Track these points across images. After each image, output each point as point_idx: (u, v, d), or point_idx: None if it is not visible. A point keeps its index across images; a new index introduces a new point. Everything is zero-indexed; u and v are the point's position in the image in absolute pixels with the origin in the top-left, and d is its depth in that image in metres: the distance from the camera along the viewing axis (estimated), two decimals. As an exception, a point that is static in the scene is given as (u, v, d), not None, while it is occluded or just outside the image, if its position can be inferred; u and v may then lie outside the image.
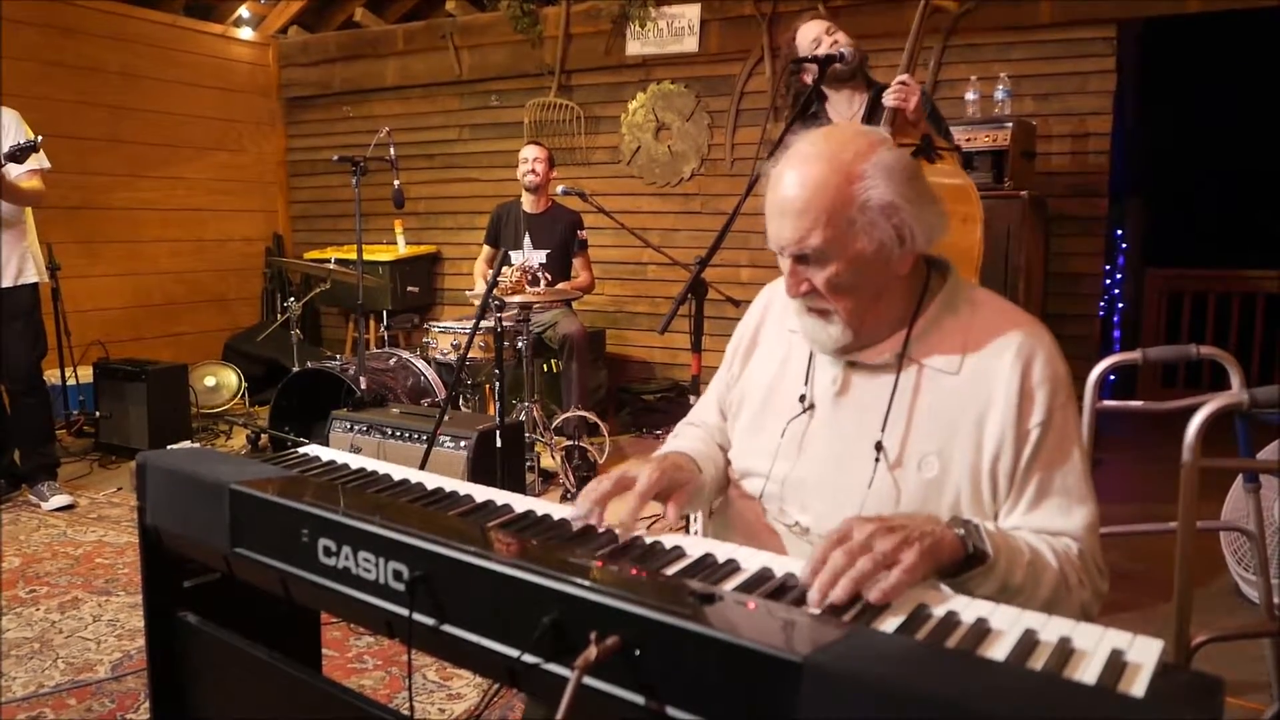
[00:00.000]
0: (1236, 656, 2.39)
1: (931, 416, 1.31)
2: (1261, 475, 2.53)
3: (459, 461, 3.42)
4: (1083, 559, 1.24)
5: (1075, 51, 4.60)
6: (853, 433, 1.35)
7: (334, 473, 1.58)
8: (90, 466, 4.71)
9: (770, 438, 1.44)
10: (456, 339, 4.46)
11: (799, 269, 1.31)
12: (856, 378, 1.37)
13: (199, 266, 6.56)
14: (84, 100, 5.81)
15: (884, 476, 1.31)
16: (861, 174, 1.25)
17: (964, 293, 1.38)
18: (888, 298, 1.33)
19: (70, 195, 5.51)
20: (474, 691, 2.42)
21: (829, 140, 1.30)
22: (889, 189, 1.26)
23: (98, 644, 2.73)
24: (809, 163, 1.28)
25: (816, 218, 1.25)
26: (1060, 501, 1.26)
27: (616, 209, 4.53)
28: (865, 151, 1.28)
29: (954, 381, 1.31)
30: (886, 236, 1.27)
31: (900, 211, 1.26)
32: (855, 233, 1.26)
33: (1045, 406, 1.26)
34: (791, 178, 1.28)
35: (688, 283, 2.51)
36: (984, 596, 1.14)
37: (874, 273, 1.29)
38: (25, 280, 3.92)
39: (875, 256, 1.28)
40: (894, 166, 1.28)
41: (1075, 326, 4.68)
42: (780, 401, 1.45)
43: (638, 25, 5.58)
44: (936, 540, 1.09)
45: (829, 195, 1.25)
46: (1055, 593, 1.19)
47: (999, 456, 1.26)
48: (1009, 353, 1.29)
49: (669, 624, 0.91)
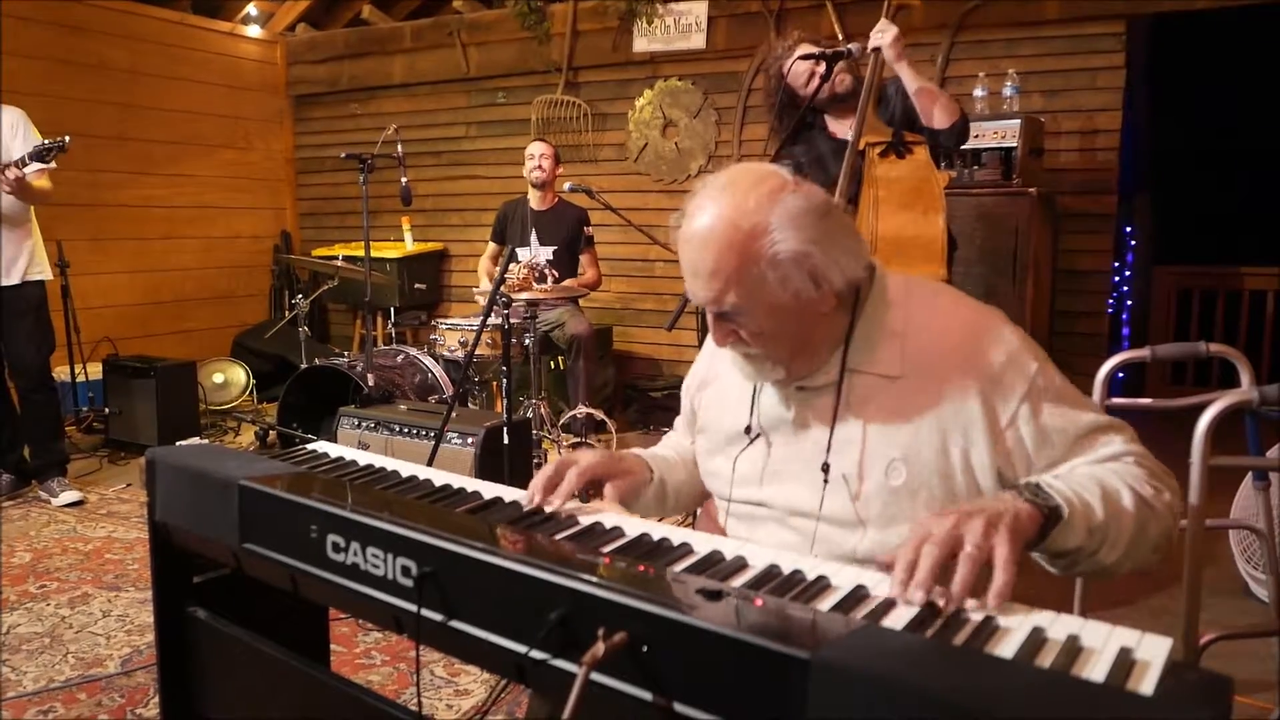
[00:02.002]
0: (1245, 655, 2.39)
1: (885, 424, 1.29)
2: (1271, 473, 2.52)
3: (466, 458, 3.43)
4: (1143, 466, 1.22)
5: (1084, 48, 4.58)
6: (810, 457, 1.34)
7: (342, 469, 1.58)
8: (100, 463, 4.73)
9: (727, 470, 1.46)
10: (464, 336, 4.46)
11: (722, 323, 1.29)
12: (807, 401, 1.36)
13: (207, 263, 6.59)
14: (92, 98, 5.83)
15: (836, 496, 1.30)
16: (766, 228, 1.21)
17: (897, 292, 1.35)
18: (817, 332, 1.30)
19: (79, 193, 5.53)
20: (481, 688, 2.42)
21: (729, 192, 1.24)
22: (796, 237, 1.21)
23: (107, 639, 2.74)
24: (712, 221, 1.23)
25: (727, 278, 1.22)
26: (1091, 438, 1.25)
27: (623, 206, 4.53)
28: (766, 201, 1.22)
29: (900, 385, 1.29)
30: (801, 284, 1.23)
31: (811, 257, 1.22)
32: (768, 287, 1.23)
33: (1020, 378, 1.25)
34: (698, 238, 1.24)
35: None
36: (1075, 546, 1.13)
37: (794, 319, 1.26)
38: (32, 277, 3.93)
39: (793, 304, 1.24)
40: (799, 211, 1.22)
41: (1084, 324, 4.67)
42: (733, 436, 1.46)
43: (645, 22, 5.57)
44: (1015, 516, 1.07)
45: (735, 255, 1.21)
46: (1139, 510, 1.17)
47: (969, 450, 1.25)
48: (954, 353, 1.27)
49: (676, 620, 0.91)
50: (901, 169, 2.75)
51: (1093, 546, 1.14)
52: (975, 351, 1.27)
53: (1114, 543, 1.15)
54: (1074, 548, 1.13)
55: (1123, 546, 1.16)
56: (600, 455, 1.44)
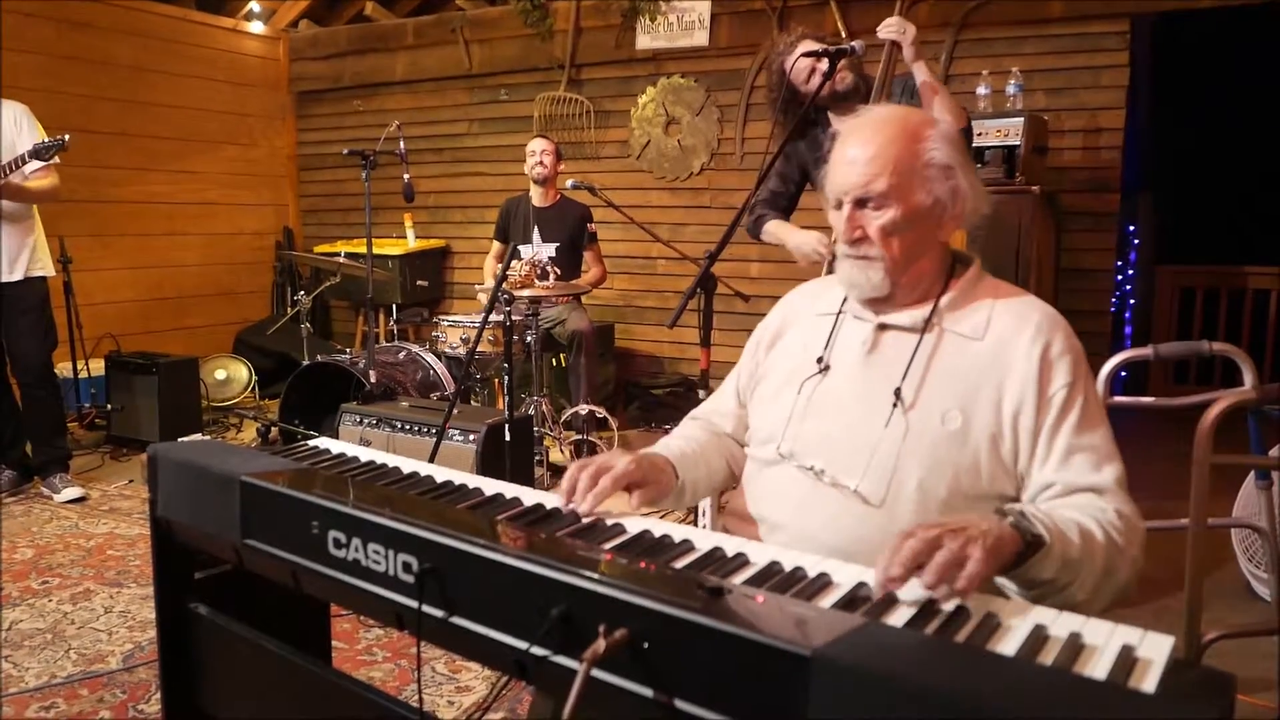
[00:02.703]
0: (1247, 653, 2.38)
1: (952, 375, 1.37)
2: (1273, 472, 2.52)
3: (468, 455, 3.43)
4: (1122, 518, 1.27)
5: (1088, 46, 4.57)
6: (876, 387, 1.41)
7: (344, 465, 1.58)
8: (102, 459, 4.73)
9: (788, 401, 1.49)
10: (466, 333, 4.46)
11: (856, 214, 1.41)
12: (886, 338, 1.45)
13: (210, 260, 6.58)
14: (95, 94, 5.83)
15: (899, 420, 1.37)
16: (927, 135, 1.40)
17: (989, 281, 1.48)
18: (927, 259, 1.43)
19: (81, 189, 5.53)
20: (483, 684, 2.42)
21: (895, 109, 1.49)
22: (949, 153, 1.40)
23: (109, 635, 2.74)
24: (879, 120, 1.43)
25: (885, 164, 1.38)
26: (1090, 458, 1.31)
27: (626, 203, 4.53)
28: (929, 120, 1.46)
29: (977, 347, 1.38)
30: (943, 194, 1.40)
31: (956, 174, 1.40)
32: (917, 184, 1.38)
33: (1068, 373, 1.34)
34: (863, 131, 1.42)
35: (697, 277, 2.51)
36: (1049, 578, 1.17)
37: (924, 227, 1.40)
38: (34, 273, 3.93)
39: (930, 211, 1.40)
40: (952, 137, 1.43)
41: (1087, 322, 4.65)
42: (802, 368, 1.52)
43: (648, 19, 5.57)
44: (998, 537, 1.11)
45: (898, 146, 1.39)
46: (1108, 556, 1.22)
47: (1019, 415, 1.33)
48: (1029, 328, 1.37)
49: (678, 617, 0.91)
50: None
51: (1064, 581, 1.19)
52: (1049, 330, 1.37)
53: (1083, 582, 1.20)
54: (1047, 579, 1.18)
55: (1090, 588, 1.22)
56: (636, 463, 1.44)
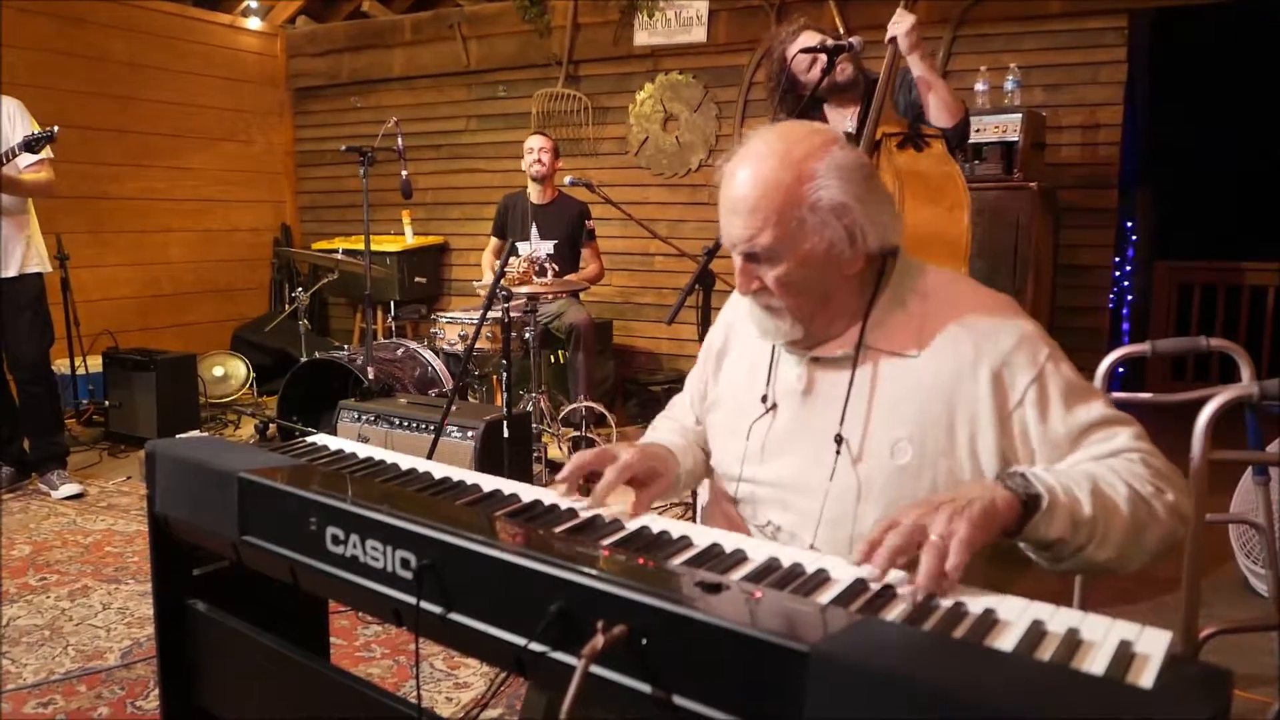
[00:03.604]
0: (1245, 649, 2.39)
1: (896, 403, 1.29)
2: (1271, 468, 2.52)
3: (466, 451, 3.43)
4: (1148, 465, 1.20)
5: (1086, 42, 4.57)
6: (818, 429, 1.35)
7: (342, 462, 1.58)
8: (99, 455, 4.73)
9: (739, 441, 1.45)
10: (464, 329, 4.46)
11: (749, 266, 1.31)
12: (820, 373, 1.37)
13: (207, 256, 6.58)
14: (92, 90, 5.82)
15: (846, 470, 1.31)
16: (813, 173, 1.25)
17: (915, 276, 1.36)
18: (840, 294, 1.33)
19: (78, 185, 5.52)
20: (481, 680, 2.42)
21: (782, 138, 1.29)
22: (840, 189, 1.25)
23: (107, 631, 2.74)
24: (760, 160, 1.27)
25: (766, 217, 1.25)
26: (1100, 430, 1.24)
27: (624, 200, 4.53)
28: (818, 150, 1.26)
29: (914, 365, 1.30)
30: (837, 236, 1.26)
31: (851, 212, 1.26)
32: (805, 232, 1.26)
33: (1029, 366, 1.25)
34: (743, 175, 1.28)
35: (695, 273, 2.51)
36: (1058, 538, 1.12)
37: (823, 272, 1.29)
38: (30, 270, 3.93)
39: (825, 256, 1.27)
40: (846, 166, 1.26)
41: (1084, 319, 4.66)
42: (748, 405, 1.45)
43: (646, 15, 5.57)
44: (987, 504, 1.07)
45: (779, 195, 1.25)
46: (1135, 510, 1.15)
47: (976, 436, 1.25)
48: (968, 336, 1.28)
49: (676, 613, 0.91)
50: (924, 162, 2.72)
51: (1078, 541, 1.12)
52: (989, 336, 1.27)
53: (1103, 540, 1.13)
54: (1054, 539, 1.12)
55: (1114, 545, 1.14)
56: (641, 455, 1.41)
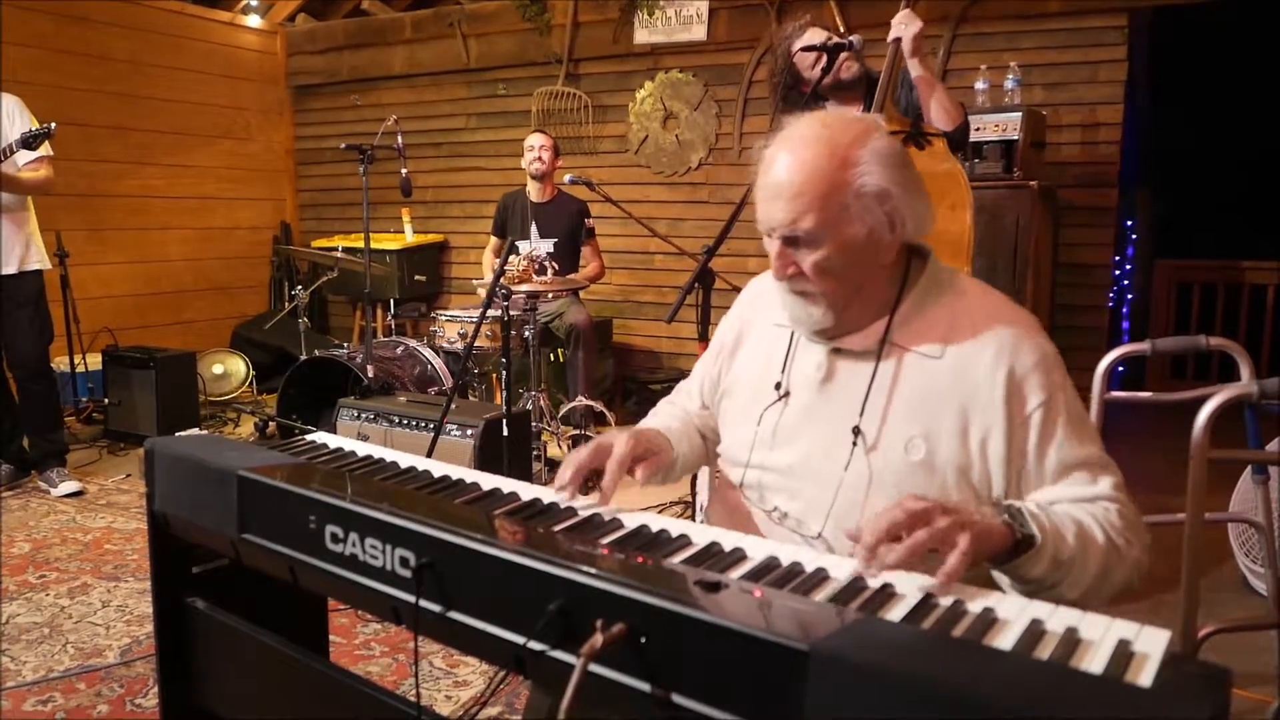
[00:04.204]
0: (1244, 648, 2.39)
1: (914, 401, 1.30)
2: (1270, 467, 2.52)
3: (466, 450, 3.43)
4: (1123, 518, 1.22)
5: (1086, 41, 4.57)
6: (834, 418, 1.35)
7: (341, 460, 1.58)
8: (99, 453, 4.73)
9: (749, 426, 1.45)
10: (463, 328, 4.46)
11: (787, 251, 1.31)
12: (841, 364, 1.37)
13: (207, 254, 6.57)
14: (92, 88, 5.81)
15: (860, 460, 1.31)
16: (857, 160, 1.26)
17: (946, 280, 1.37)
18: (872, 284, 1.33)
19: (78, 183, 5.52)
20: (480, 679, 2.43)
21: (824, 124, 1.30)
22: (883, 176, 1.26)
23: (107, 629, 2.74)
24: (804, 146, 1.28)
25: (810, 201, 1.25)
26: (1084, 474, 1.25)
27: (624, 198, 4.52)
28: (860, 137, 1.28)
29: (937, 366, 1.30)
30: (878, 223, 1.27)
31: (892, 198, 1.27)
32: (848, 218, 1.26)
33: (1042, 388, 1.26)
34: (786, 160, 1.28)
35: (695, 272, 2.52)
36: (1037, 576, 1.14)
37: (862, 258, 1.29)
38: (29, 267, 3.92)
39: (865, 242, 1.28)
40: (888, 154, 1.28)
41: (1084, 317, 4.66)
42: (763, 393, 1.45)
43: (646, 14, 5.56)
44: (985, 527, 1.08)
45: (824, 180, 1.25)
46: (1106, 558, 1.18)
47: (986, 443, 1.26)
48: (992, 342, 1.28)
49: (675, 611, 0.91)
50: (927, 161, 2.72)
51: (1054, 579, 1.16)
52: (1012, 348, 1.28)
53: (1074, 582, 1.17)
54: (1036, 577, 1.15)
55: (1082, 587, 1.18)
56: (633, 441, 1.41)
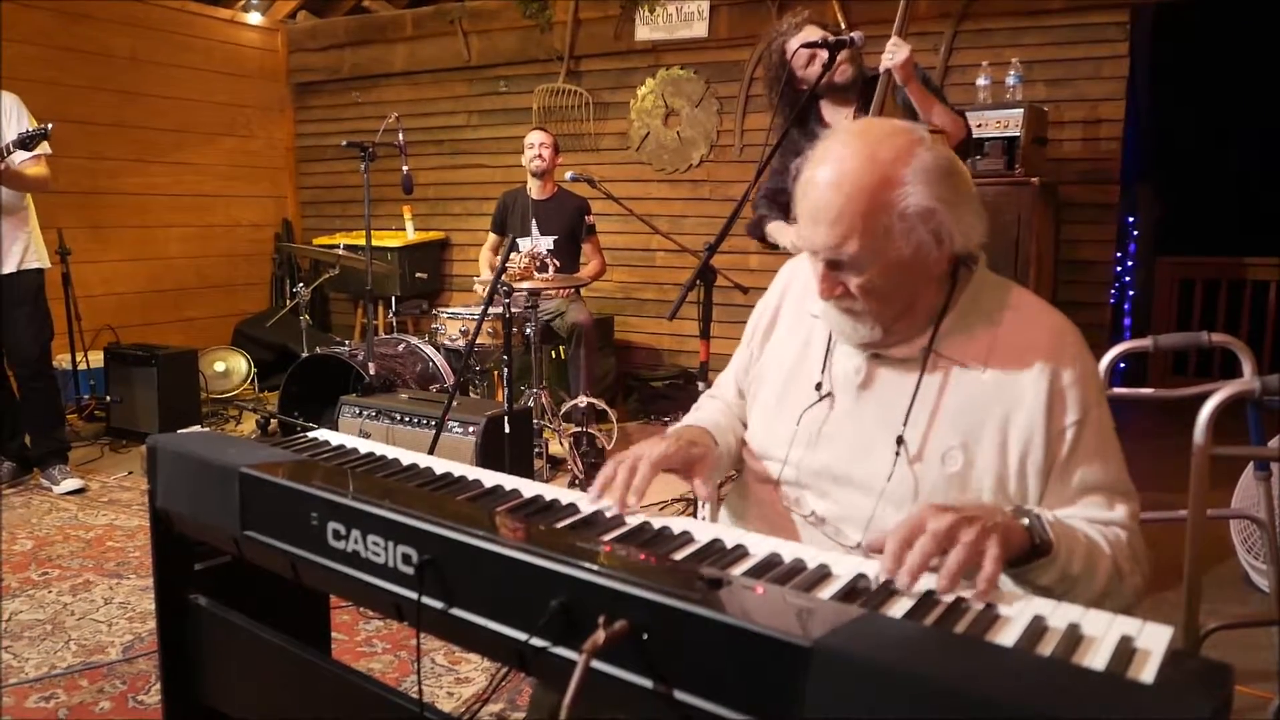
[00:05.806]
0: (1246, 644, 2.39)
1: (955, 412, 1.28)
2: (1272, 463, 2.52)
3: (467, 447, 3.43)
4: (1131, 546, 1.23)
5: (1088, 37, 4.56)
6: (874, 425, 1.32)
7: (343, 457, 1.58)
8: (101, 450, 4.73)
9: (788, 424, 1.41)
10: (465, 325, 4.46)
11: (831, 273, 1.26)
12: (881, 370, 1.34)
13: (208, 252, 6.57)
14: (93, 85, 5.81)
15: (904, 470, 1.28)
16: (901, 179, 1.20)
17: (994, 289, 1.33)
18: (924, 297, 1.29)
19: (79, 180, 5.52)
20: (482, 675, 2.43)
21: (864, 139, 1.24)
22: (927, 193, 1.20)
23: (109, 626, 2.75)
24: (843, 164, 1.22)
25: (852, 224, 1.20)
26: (1104, 496, 1.25)
27: (625, 195, 4.52)
28: (904, 154, 1.21)
29: (980, 379, 1.27)
30: (924, 241, 1.22)
31: (938, 215, 1.21)
32: (892, 239, 1.21)
33: (1080, 404, 1.25)
34: (825, 180, 1.22)
35: (696, 269, 2.51)
36: (1044, 585, 1.14)
37: (909, 278, 1.25)
38: (29, 265, 3.92)
39: (911, 261, 1.23)
40: (933, 168, 1.21)
41: (1086, 314, 4.65)
42: (799, 387, 1.42)
43: (647, 10, 5.55)
44: (1007, 530, 1.08)
45: (865, 202, 1.19)
46: (1109, 580, 1.19)
47: (1027, 454, 1.24)
48: (1038, 355, 1.26)
49: (677, 608, 0.91)
50: None
51: (1059, 591, 1.15)
52: (1056, 359, 1.26)
53: (1076, 598, 1.16)
54: (1044, 586, 1.15)
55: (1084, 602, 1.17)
56: (670, 445, 1.36)
